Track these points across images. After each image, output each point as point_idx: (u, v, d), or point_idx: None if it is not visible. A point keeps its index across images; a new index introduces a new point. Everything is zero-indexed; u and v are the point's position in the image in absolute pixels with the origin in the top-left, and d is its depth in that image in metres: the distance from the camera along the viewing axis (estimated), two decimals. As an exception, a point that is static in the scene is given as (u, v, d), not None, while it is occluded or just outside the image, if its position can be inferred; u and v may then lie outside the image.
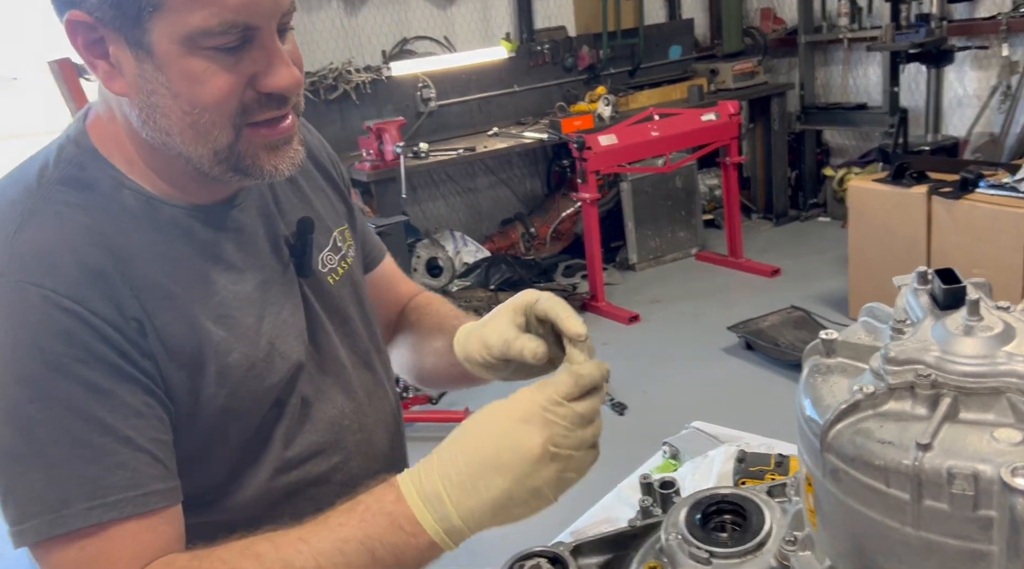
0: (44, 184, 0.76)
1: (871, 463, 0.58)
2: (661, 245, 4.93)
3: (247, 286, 0.83)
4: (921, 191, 3.34)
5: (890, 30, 4.19)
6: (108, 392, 0.70)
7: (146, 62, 0.71)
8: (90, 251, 0.73)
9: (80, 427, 0.69)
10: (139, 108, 0.74)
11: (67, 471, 0.68)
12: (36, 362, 0.68)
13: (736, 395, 3.27)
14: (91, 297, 0.71)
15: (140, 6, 0.68)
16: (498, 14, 5.05)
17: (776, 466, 1.01)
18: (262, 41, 0.72)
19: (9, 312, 0.70)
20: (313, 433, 0.87)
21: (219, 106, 0.72)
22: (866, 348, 0.67)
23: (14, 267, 0.71)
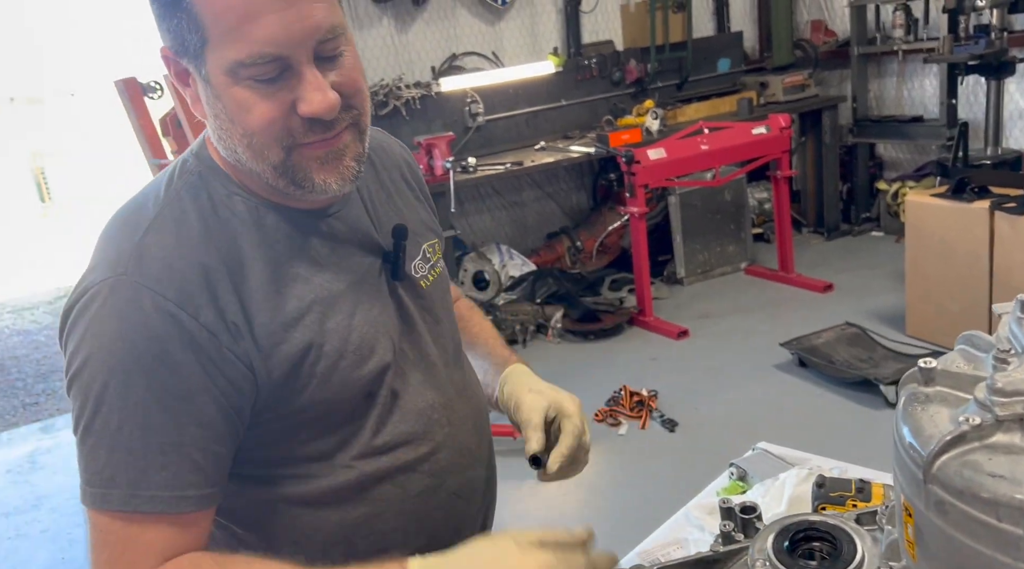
0: (169, 193, 0.86)
1: (980, 496, 0.57)
2: (710, 259, 4.89)
3: (340, 285, 0.89)
4: (983, 206, 3.26)
5: (948, 42, 4.10)
6: (180, 398, 0.79)
7: (209, 91, 0.80)
8: (202, 257, 0.82)
9: (145, 424, 0.78)
10: (213, 129, 0.84)
11: (123, 458, 0.78)
12: (129, 358, 0.78)
13: (792, 414, 3.22)
14: (195, 303, 0.80)
15: (195, 43, 0.77)
16: (546, 29, 5.08)
17: (857, 492, 0.99)
18: (299, 69, 0.78)
19: (122, 308, 0.79)
20: (403, 423, 0.93)
21: (265, 131, 0.80)
22: (967, 378, 0.66)
23: (134, 268, 0.80)
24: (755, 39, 5.87)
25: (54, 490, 3.45)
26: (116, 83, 3.37)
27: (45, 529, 3.15)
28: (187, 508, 0.80)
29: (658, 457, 3.08)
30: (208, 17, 0.75)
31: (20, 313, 6.52)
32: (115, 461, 0.78)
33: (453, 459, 0.97)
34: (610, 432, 3.29)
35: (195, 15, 0.76)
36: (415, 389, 0.94)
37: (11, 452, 3.92)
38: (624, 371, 3.75)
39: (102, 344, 0.78)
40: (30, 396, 4.63)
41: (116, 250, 0.82)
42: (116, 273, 0.80)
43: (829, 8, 5.52)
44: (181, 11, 0.76)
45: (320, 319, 0.87)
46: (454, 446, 0.97)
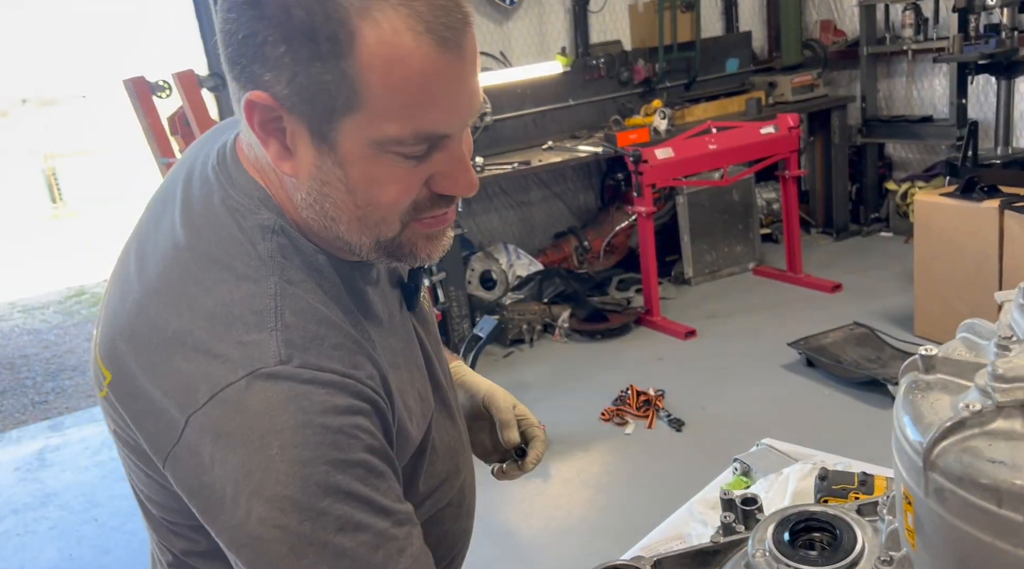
0: (267, 258, 0.72)
1: (980, 483, 0.56)
2: (717, 259, 4.87)
3: (395, 339, 0.81)
4: (993, 205, 3.24)
5: (958, 41, 4.08)
6: (383, 475, 0.70)
7: (327, 156, 0.68)
8: (340, 328, 0.72)
9: (365, 516, 0.67)
10: (307, 192, 0.71)
11: (356, 561, 0.66)
12: (325, 444, 0.66)
13: (799, 413, 3.21)
14: (363, 362, 0.71)
15: (335, 106, 0.65)
16: (554, 29, 5.08)
17: (860, 485, 0.98)
18: (449, 147, 0.70)
19: (297, 396, 0.66)
20: (439, 463, 0.87)
21: (391, 206, 0.71)
22: (968, 365, 0.65)
23: (294, 359, 0.68)
24: (764, 39, 5.85)
25: (62, 488, 3.47)
26: (124, 82, 3.39)
27: (53, 526, 3.17)
28: None
29: (665, 456, 3.07)
30: (375, 88, 0.64)
31: (30, 312, 6.57)
32: (344, 568, 0.66)
33: (469, 482, 0.96)
34: (617, 431, 3.28)
35: (353, 79, 0.64)
36: (442, 425, 0.88)
37: (20, 450, 3.95)
38: (631, 371, 3.74)
39: (283, 441, 0.64)
40: (39, 394, 4.66)
41: (246, 344, 0.67)
42: (269, 364, 0.67)
43: (838, 8, 5.50)
44: (333, 71, 0.64)
45: (396, 377, 0.78)
46: (469, 468, 0.96)
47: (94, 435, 3.98)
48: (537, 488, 2.97)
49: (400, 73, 0.64)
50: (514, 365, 4.04)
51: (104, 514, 3.18)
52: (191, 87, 3.25)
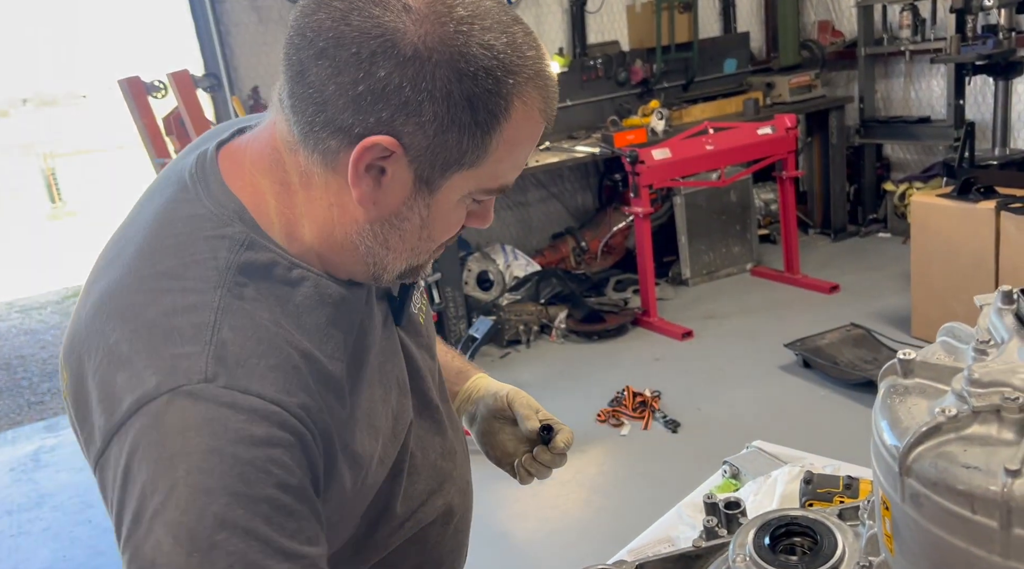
0: (223, 271, 0.71)
1: (955, 488, 0.56)
2: (715, 260, 4.87)
3: (374, 352, 0.80)
4: (989, 206, 3.23)
5: (955, 42, 4.07)
6: (293, 514, 0.67)
7: (422, 198, 0.71)
8: (283, 349, 0.70)
9: (260, 555, 0.64)
10: (376, 222, 0.72)
11: None
12: (231, 475, 0.63)
13: (794, 414, 3.20)
14: (297, 394, 0.68)
15: (461, 162, 0.69)
16: (551, 29, 5.08)
17: (845, 488, 0.98)
18: None
19: (212, 420, 0.65)
20: (420, 482, 0.87)
21: (442, 237, 0.76)
22: (946, 369, 0.65)
23: (219, 378, 0.66)
24: (762, 39, 5.85)
25: (57, 489, 3.47)
26: (120, 82, 3.39)
27: (47, 527, 3.16)
28: None
29: (660, 458, 3.07)
30: (500, 154, 0.70)
31: (28, 312, 6.57)
32: None
33: (458, 500, 0.94)
34: (612, 433, 3.28)
35: (488, 146, 0.69)
36: (426, 441, 0.88)
37: (15, 450, 3.95)
38: (627, 372, 3.74)
39: (190, 465, 0.63)
40: (35, 395, 4.66)
41: (190, 350, 0.67)
42: (192, 381, 0.65)
43: (836, 8, 5.50)
44: (481, 138, 0.68)
45: (381, 409, 0.80)
46: (458, 485, 0.94)
47: (90, 436, 3.98)
48: (532, 489, 2.97)
49: (522, 144, 0.72)
50: (511, 366, 4.03)
51: (98, 515, 3.17)
52: (186, 87, 3.25)
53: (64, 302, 6.78)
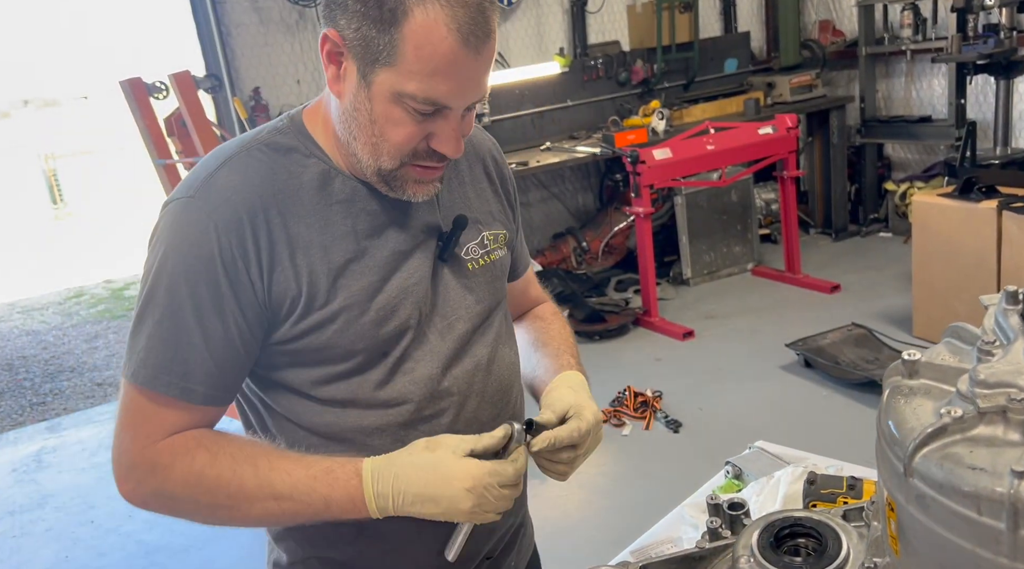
0: (251, 143, 0.98)
1: (961, 490, 0.56)
2: (716, 260, 4.86)
3: (383, 253, 0.98)
4: (991, 206, 3.23)
5: (957, 41, 4.07)
6: (211, 312, 0.92)
7: (363, 89, 0.89)
8: (254, 200, 0.93)
9: (179, 324, 0.91)
10: (343, 110, 0.93)
11: (156, 346, 0.92)
12: (179, 268, 0.91)
13: (795, 414, 3.20)
14: (240, 235, 0.92)
15: (378, 56, 0.86)
16: (552, 29, 5.08)
17: (849, 489, 0.97)
18: (448, 116, 0.91)
19: (183, 224, 0.93)
20: (412, 384, 1.00)
21: (398, 146, 0.91)
22: (952, 370, 0.65)
23: (201, 194, 0.93)
24: (762, 39, 5.85)
25: (59, 489, 3.47)
26: (121, 83, 3.39)
27: (50, 528, 3.16)
28: (194, 400, 0.93)
29: (662, 458, 3.07)
30: (408, 54, 0.85)
31: (29, 313, 6.57)
32: (150, 346, 0.92)
33: (457, 427, 1.01)
34: (614, 433, 3.27)
35: (396, 44, 0.85)
36: (433, 356, 1.01)
37: (17, 451, 3.95)
38: (629, 372, 3.74)
39: (166, 251, 0.92)
40: (37, 396, 4.66)
41: (195, 176, 0.96)
42: (188, 195, 0.94)
43: (837, 8, 5.49)
44: (385, 33, 0.85)
45: (352, 277, 0.96)
46: (465, 418, 1.03)
47: (91, 437, 3.98)
48: (533, 489, 2.95)
49: (428, 51, 0.85)
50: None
51: (100, 516, 3.17)
52: (188, 88, 3.25)
53: (66, 303, 6.78)
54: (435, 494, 0.90)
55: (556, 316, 1.29)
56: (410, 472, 0.90)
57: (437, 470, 0.90)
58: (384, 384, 0.99)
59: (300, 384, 0.98)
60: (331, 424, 0.99)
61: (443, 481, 0.89)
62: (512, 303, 1.23)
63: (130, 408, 0.94)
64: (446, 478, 0.89)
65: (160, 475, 0.93)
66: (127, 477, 0.95)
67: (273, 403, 1.01)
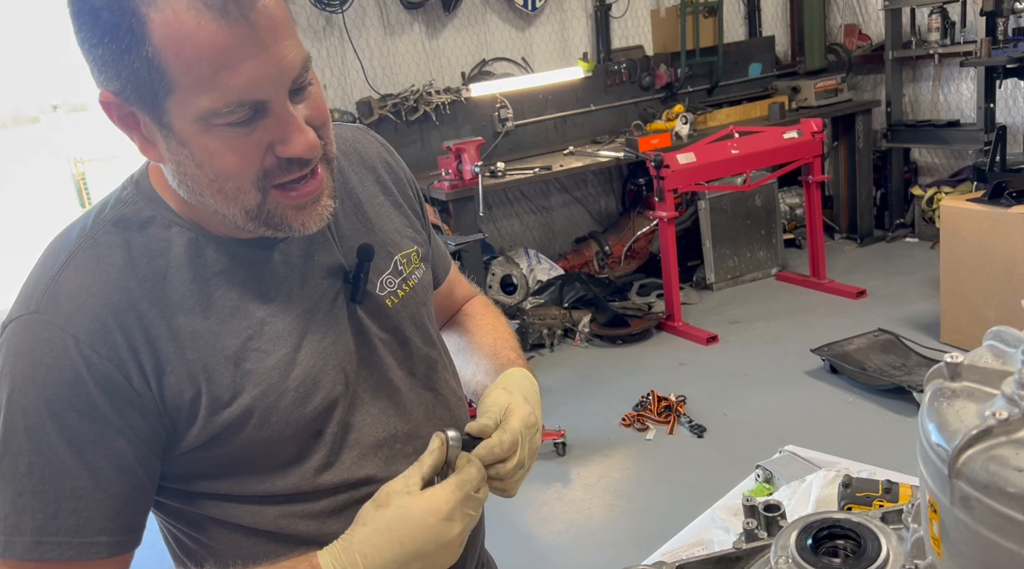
0: (96, 224, 0.81)
1: (1007, 491, 0.56)
2: (740, 265, 4.84)
3: (286, 318, 0.84)
4: (1021, 211, 3.19)
5: (986, 45, 4.03)
6: (94, 442, 0.75)
7: (170, 138, 0.75)
8: (119, 295, 0.78)
9: (56, 468, 0.74)
10: (172, 173, 0.78)
11: (29, 502, 0.74)
12: (39, 400, 0.74)
13: (822, 420, 3.18)
14: (109, 343, 0.76)
15: (155, 90, 0.72)
16: (576, 34, 5.09)
17: (884, 492, 0.97)
18: (274, 110, 0.74)
19: (31, 347, 0.76)
20: (361, 458, 0.87)
21: (239, 175, 0.75)
22: (995, 372, 0.65)
23: (48, 306, 0.76)
24: (787, 43, 5.82)
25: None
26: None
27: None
28: (98, 554, 0.75)
29: (686, 462, 3.06)
30: (175, 67, 0.70)
31: (59, 314, 6.67)
32: (21, 505, 0.74)
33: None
34: (638, 437, 3.27)
35: (157, 64, 0.70)
36: (375, 419, 0.89)
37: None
38: (652, 376, 3.73)
39: (14, 385, 0.75)
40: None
41: (33, 284, 0.79)
42: (29, 310, 0.76)
43: (863, 12, 5.46)
44: (139, 59, 0.70)
45: (256, 359, 0.81)
46: None
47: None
48: (557, 492, 2.97)
49: (190, 49, 0.69)
50: (534, 370, 4.03)
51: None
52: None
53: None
54: (417, 548, 0.76)
55: (487, 308, 1.16)
56: (376, 541, 0.76)
57: (405, 521, 0.76)
58: (329, 466, 0.86)
59: (229, 490, 0.83)
60: (278, 520, 0.85)
61: (417, 528, 0.76)
62: (440, 310, 1.11)
63: None
64: (419, 523, 0.76)
65: None
66: None
67: (203, 513, 0.85)
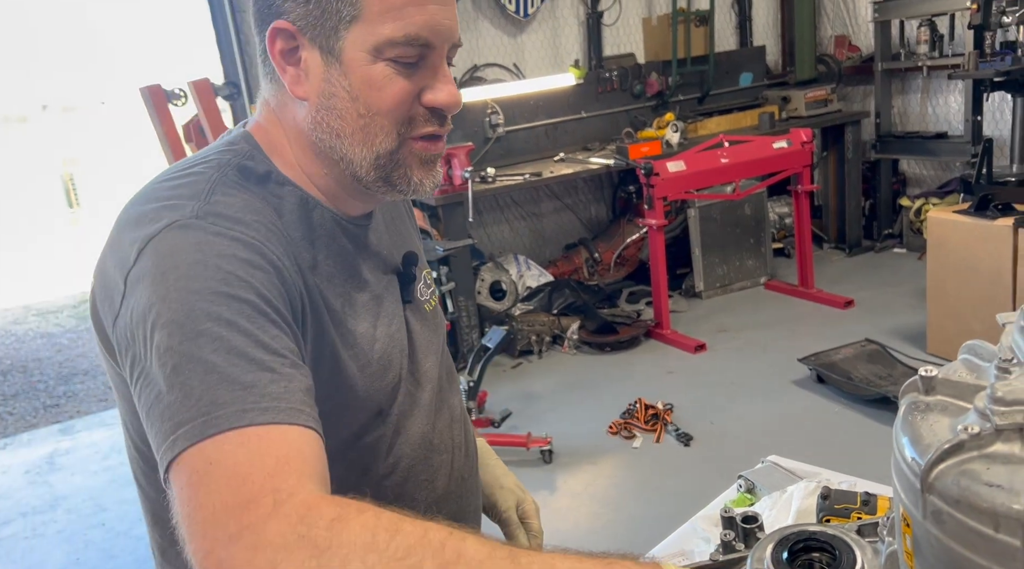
0: (224, 165, 0.82)
1: (978, 506, 0.56)
2: (729, 273, 4.86)
3: (367, 295, 0.89)
4: (1007, 223, 3.21)
5: (974, 58, 4.06)
6: (275, 316, 0.73)
7: (334, 67, 0.79)
8: (270, 219, 0.80)
9: (245, 336, 0.69)
10: (316, 110, 0.81)
11: (222, 376, 0.67)
12: (216, 280, 0.71)
13: (808, 429, 3.18)
14: (276, 247, 0.78)
15: (340, 17, 0.78)
16: (567, 41, 5.10)
17: (863, 505, 0.97)
18: (434, 62, 0.81)
19: (200, 242, 0.73)
20: (407, 446, 0.91)
21: (391, 112, 0.80)
22: (969, 387, 0.65)
23: (208, 218, 0.76)
24: (778, 53, 5.85)
25: (71, 491, 3.49)
26: (141, 90, 3.43)
27: (61, 530, 3.18)
28: (305, 422, 0.67)
29: (672, 471, 3.06)
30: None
31: (45, 316, 6.63)
32: (212, 382, 0.66)
33: (448, 487, 0.96)
34: (624, 445, 3.27)
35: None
36: (420, 411, 0.93)
37: (30, 453, 3.98)
38: (640, 384, 3.73)
39: (180, 276, 0.70)
40: (51, 398, 4.70)
41: (179, 201, 0.76)
42: (187, 217, 0.74)
43: (853, 23, 5.50)
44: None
45: (353, 322, 0.85)
46: (450, 474, 0.96)
47: (104, 439, 4.00)
48: (543, 500, 2.95)
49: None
50: (522, 376, 4.03)
51: (112, 519, 3.19)
52: (206, 95, 3.29)
53: (80, 306, 6.84)
54: None
55: None
56: None
57: None
58: (388, 451, 0.88)
59: None
60: None
61: None
62: None
63: (214, 476, 0.63)
64: None
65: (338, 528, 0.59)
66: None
67: None
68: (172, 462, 0.65)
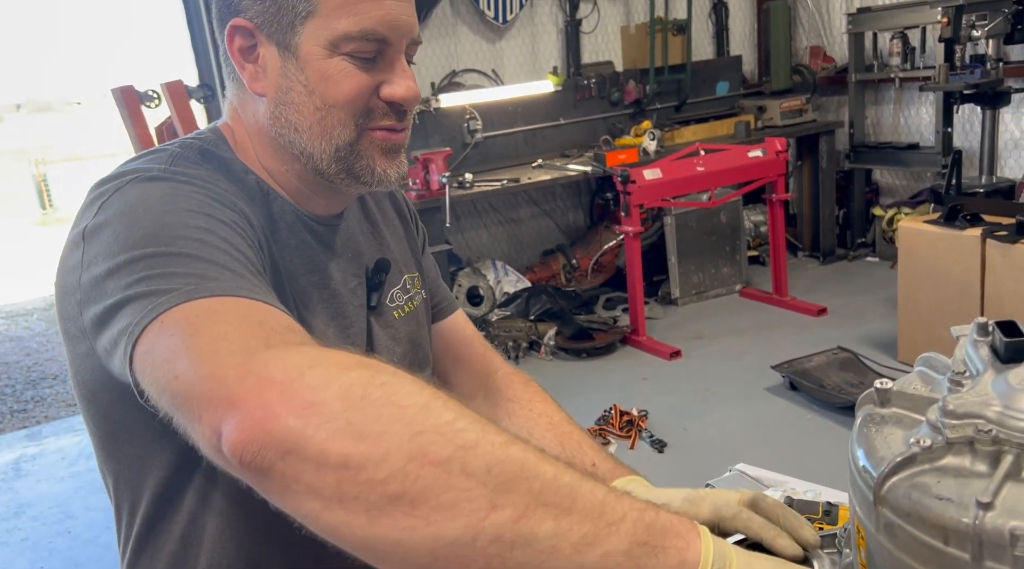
0: (187, 146, 0.84)
1: (928, 519, 0.56)
2: (704, 280, 4.89)
3: (326, 292, 0.89)
4: (975, 234, 3.26)
5: (944, 70, 4.13)
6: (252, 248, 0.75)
7: (290, 62, 0.81)
8: (233, 192, 0.81)
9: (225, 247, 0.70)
10: (275, 105, 0.83)
11: (213, 261, 0.67)
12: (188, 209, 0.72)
13: (779, 437, 3.20)
14: (244, 208, 0.79)
15: (295, 13, 0.79)
16: (546, 48, 5.12)
17: (824, 514, 0.98)
18: (391, 57, 0.83)
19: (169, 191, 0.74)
20: None
21: (347, 104, 0.81)
22: (923, 399, 0.65)
23: (177, 175, 0.78)
24: (754, 63, 5.91)
25: (37, 498, 3.43)
26: (113, 91, 3.39)
27: (26, 537, 3.12)
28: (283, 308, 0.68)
29: (646, 477, 3.06)
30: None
31: (14, 319, 6.52)
32: (199, 267, 0.65)
33: None
34: (598, 452, 3.27)
35: None
36: None
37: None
38: (615, 390, 3.74)
39: (148, 206, 0.71)
40: (18, 403, 4.61)
41: (138, 168, 0.78)
42: (152, 173, 0.76)
43: (827, 34, 5.57)
44: None
45: (308, 316, 0.86)
46: None
47: (71, 446, 3.94)
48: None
49: None
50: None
51: (78, 526, 3.13)
52: (180, 97, 3.25)
53: (50, 309, 6.73)
54: None
55: (546, 400, 1.16)
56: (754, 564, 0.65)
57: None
58: None
59: None
60: None
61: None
62: (450, 349, 1.11)
63: (220, 313, 0.61)
64: None
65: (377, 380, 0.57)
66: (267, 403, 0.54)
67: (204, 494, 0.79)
68: (149, 324, 0.62)
